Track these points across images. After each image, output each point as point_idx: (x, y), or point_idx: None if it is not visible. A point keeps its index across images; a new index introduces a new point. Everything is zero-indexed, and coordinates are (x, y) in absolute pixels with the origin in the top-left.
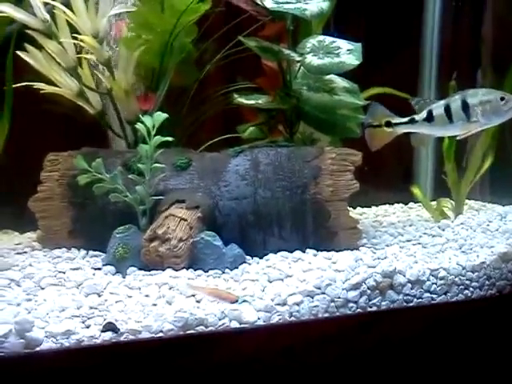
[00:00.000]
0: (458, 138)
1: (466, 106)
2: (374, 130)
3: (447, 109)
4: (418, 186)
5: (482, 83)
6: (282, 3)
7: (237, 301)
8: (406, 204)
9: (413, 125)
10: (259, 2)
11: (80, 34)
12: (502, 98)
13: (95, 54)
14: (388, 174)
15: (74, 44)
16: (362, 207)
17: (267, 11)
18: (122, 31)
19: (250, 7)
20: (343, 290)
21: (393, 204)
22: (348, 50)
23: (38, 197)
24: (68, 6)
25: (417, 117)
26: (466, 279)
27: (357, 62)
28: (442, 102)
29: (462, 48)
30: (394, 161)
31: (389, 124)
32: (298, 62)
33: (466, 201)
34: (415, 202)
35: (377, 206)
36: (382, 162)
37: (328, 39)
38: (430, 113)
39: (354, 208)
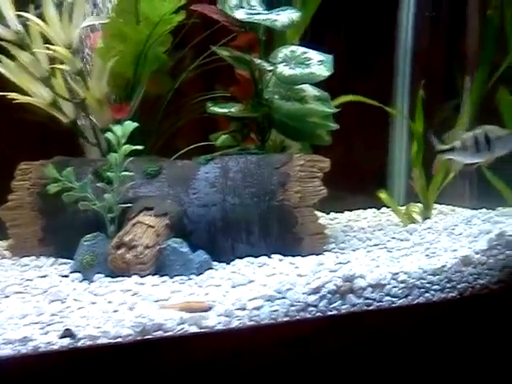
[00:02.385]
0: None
1: (487, 139)
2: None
3: (476, 140)
4: (386, 190)
5: (456, 90)
6: (253, 14)
7: (210, 308)
8: (379, 209)
9: (452, 152)
10: (230, 14)
11: (53, 44)
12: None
13: (68, 65)
14: (363, 180)
15: (49, 54)
16: (336, 212)
17: (239, 22)
18: (97, 42)
19: (223, 18)
20: (303, 294)
21: (366, 209)
22: (319, 61)
23: (8, 206)
24: (42, 16)
25: (456, 145)
26: (427, 282)
27: (327, 74)
28: (471, 133)
29: (435, 57)
30: (369, 167)
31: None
32: (270, 71)
33: (437, 205)
34: (388, 207)
35: (350, 211)
36: (358, 168)
37: (300, 50)
38: (463, 142)
39: (328, 213)
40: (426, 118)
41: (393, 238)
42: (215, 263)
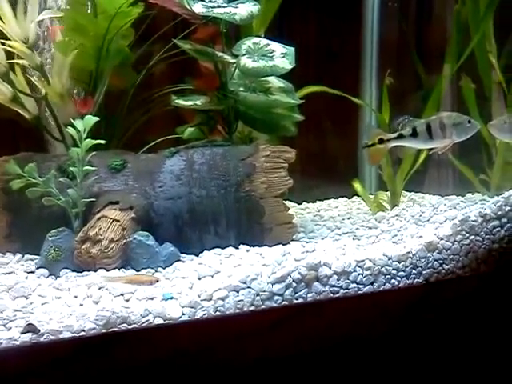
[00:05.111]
0: (434, 151)
1: (442, 126)
2: (370, 149)
3: (428, 126)
4: (359, 180)
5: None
6: (212, 8)
7: (157, 281)
8: (350, 198)
9: (400, 139)
10: (188, 7)
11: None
12: (469, 121)
13: (27, 60)
14: (334, 170)
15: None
16: (308, 202)
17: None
18: (57, 35)
19: (183, 11)
20: (268, 283)
21: (337, 198)
22: (282, 54)
23: None
24: None
25: (404, 133)
26: (393, 269)
27: (290, 66)
28: (423, 120)
29: (400, 46)
30: (341, 156)
31: (381, 141)
32: (233, 63)
33: (407, 193)
34: (359, 196)
35: (322, 200)
36: (330, 158)
37: (263, 41)
38: (414, 129)
39: (300, 203)
40: (395, 107)
41: (361, 226)
42: (183, 255)
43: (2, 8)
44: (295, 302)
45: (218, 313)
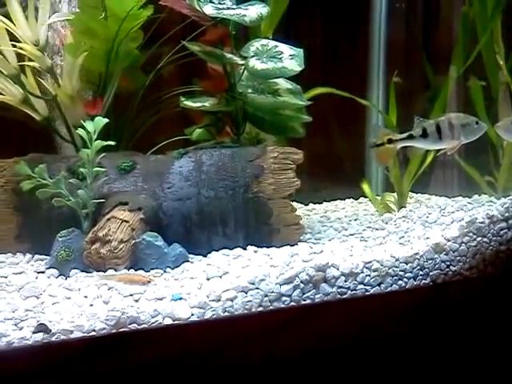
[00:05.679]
0: (442, 152)
1: (451, 126)
2: (378, 148)
3: (438, 127)
4: (368, 181)
5: (429, 80)
6: (222, 9)
7: (149, 281)
8: (357, 199)
9: (410, 140)
10: (199, 9)
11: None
12: (477, 122)
13: (37, 62)
14: (341, 171)
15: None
16: (315, 203)
17: (209, 16)
18: (67, 38)
19: (192, 13)
20: (277, 284)
21: (344, 199)
22: (290, 56)
23: None
24: (7, 15)
25: (414, 133)
26: (400, 270)
27: (299, 68)
28: (432, 121)
29: (408, 47)
30: (348, 158)
31: (390, 141)
32: (241, 65)
33: (414, 194)
34: (365, 197)
35: (329, 201)
36: (337, 159)
37: (271, 43)
38: (424, 130)
39: (307, 204)
40: (402, 108)
41: (368, 227)
42: (192, 256)
43: (14, 11)
44: (303, 302)
45: (226, 313)
